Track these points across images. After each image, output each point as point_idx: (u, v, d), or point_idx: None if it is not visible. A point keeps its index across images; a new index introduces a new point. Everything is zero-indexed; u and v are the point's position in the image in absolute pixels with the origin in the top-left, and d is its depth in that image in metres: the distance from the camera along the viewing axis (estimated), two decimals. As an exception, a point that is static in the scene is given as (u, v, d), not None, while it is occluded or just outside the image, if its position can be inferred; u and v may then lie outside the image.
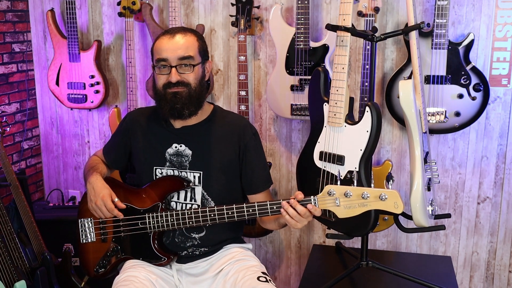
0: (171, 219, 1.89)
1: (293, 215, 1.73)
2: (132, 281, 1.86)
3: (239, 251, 2.02)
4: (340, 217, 1.71)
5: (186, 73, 1.88)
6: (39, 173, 3.37)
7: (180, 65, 1.87)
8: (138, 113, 2.10)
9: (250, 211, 1.79)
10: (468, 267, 2.85)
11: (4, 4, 3.02)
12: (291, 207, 1.72)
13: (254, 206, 1.78)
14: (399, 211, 1.63)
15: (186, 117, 1.92)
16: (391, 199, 1.63)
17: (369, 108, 2.04)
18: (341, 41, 2.13)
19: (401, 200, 1.63)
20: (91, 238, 2.02)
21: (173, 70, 1.87)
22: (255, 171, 2.00)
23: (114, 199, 1.90)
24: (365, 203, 1.65)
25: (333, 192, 1.69)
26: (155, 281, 1.91)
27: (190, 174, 1.96)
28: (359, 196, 1.66)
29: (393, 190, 1.64)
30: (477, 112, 2.54)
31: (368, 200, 1.65)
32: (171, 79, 1.86)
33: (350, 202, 1.67)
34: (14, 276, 2.26)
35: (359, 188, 1.67)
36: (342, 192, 1.67)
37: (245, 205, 1.79)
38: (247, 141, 1.98)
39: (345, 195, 1.67)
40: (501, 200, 2.75)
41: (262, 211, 1.78)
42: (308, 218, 1.74)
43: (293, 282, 3.09)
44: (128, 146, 2.08)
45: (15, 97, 3.14)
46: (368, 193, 1.65)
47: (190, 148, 1.96)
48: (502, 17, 2.57)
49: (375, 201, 1.64)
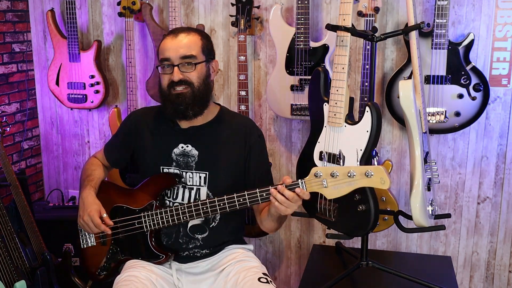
0: (166, 216, 1.90)
1: (281, 200, 1.72)
2: (132, 281, 1.86)
3: (240, 252, 2.02)
4: (329, 198, 1.71)
5: (189, 71, 1.88)
6: (39, 173, 3.37)
7: (182, 64, 1.87)
8: (143, 112, 2.10)
9: (241, 201, 1.79)
10: (468, 267, 2.85)
11: (4, 4, 3.02)
12: (279, 193, 1.72)
13: (245, 194, 1.78)
14: (386, 186, 1.62)
15: (191, 118, 1.92)
16: (377, 175, 1.62)
17: (369, 108, 2.04)
18: (341, 41, 2.13)
19: (387, 175, 1.62)
20: (91, 242, 2.03)
21: (175, 69, 1.86)
22: (258, 173, 2.00)
23: (103, 215, 1.90)
24: (351, 181, 1.65)
25: (320, 173, 1.68)
26: (155, 280, 1.91)
27: (196, 175, 1.96)
28: (345, 175, 1.65)
29: (379, 166, 1.63)
30: (477, 112, 2.54)
31: (355, 178, 1.64)
32: (173, 77, 1.86)
33: (337, 182, 1.66)
34: (14, 276, 2.26)
35: (345, 167, 1.67)
36: (328, 172, 1.67)
37: (236, 195, 1.79)
38: (253, 143, 1.98)
39: (332, 175, 1.66)
40: (501, 200, 2.75)
41: (252, 199, 1.78)
42: (297, 203, 1.74)
43: (293, 282, 3.09)
44: (132, 146, 2.07)
45: (15, 97, 3.14)
46: (354, 171, 1.64)
47: (197, 148, 1.96)
48: (502, 17, 2.57)
49: (361, 178, 1.64)
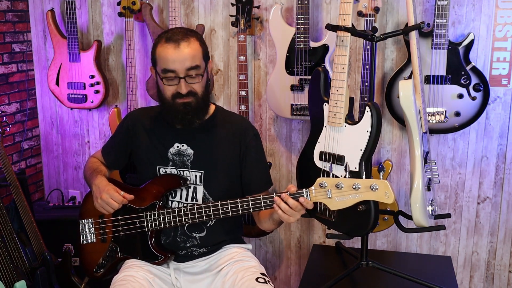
0: (168, 217, 1.90)
1: (285, 209, 1.72)
2: (129, 280, 1.87)
3: (238, 251, 2.02)
4: (332, 209, 1.71)
5: (195, 82, 1.87)
6: (39, 173, 3.37)
7: (188, 76, 1.85)
8: (139, 113, 2.10)
9: (245, 206, 1.79)
10: (468, 267, 2.85)
11: (4, 4, 3.02)
12: (283, 202, 1.72)
13: (248, 200, 1.78)
14: (390, 201, 1.63)
15: (196, 125, 1.93)
16: (382, 189, 1.63)
17: (369, 108, 2.04)
18: (341, 41, 2.13)
19: (392, 189, 1.63)
20: (91, 239, 2.03)
21: (182, 82, 1.84)
22: (255, 171, 2.00)
23: (121, 193, 1.88)
24: (356, 194, 1.66)
25: (325, 184, 1.69)
26: (152, 280, 1.92)
27: (191, 173, 1.96)
28: (350, 187, 1.66)
29: (384, 180, 1.64)
30: (477, 112, 2.54)
31: (360, 191, 1.65)
32: (181, 90, 1.84)
33: (341, 193, 1.67)
34: (14, 276, 2.26)
35: (350, 180, 1.67)
36: (333, 183, 1.68)
37: (239, 200, 1.80)
38: (248, 142, 1.99)
39: (337, 186, 1.67)
40: (501, 200, 2.75)
41: (256, 206, 1.78)
42: (300, 212, 1.74)
43: (293, 282, 3.09)
44: (129, 146, 2.07)
45: (15, 97, 3.14)
46: (359, 184, 1.65)
47: (192, 147, 1.96)
48: (502, 17, 2.57)
49: (366, 192, 1.64)
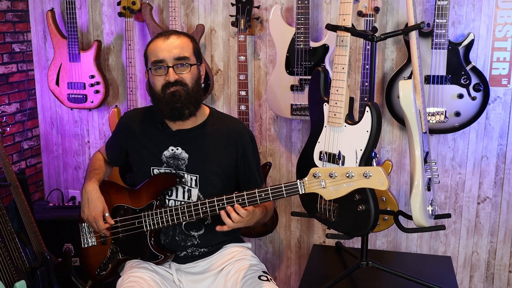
0: (165, 215, 1.90)
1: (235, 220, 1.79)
2: (138, 282, 1.87)
3: (238, 250, 2.03)
4: (327, 199, 1.70)
5: (183, 73, 1.88)
6: (39, 173, 3.37)
7: (176, 65, 1.88)
8: (134, 114, 2.10)
9: (240, 201, 1.79)
10: (468, 267, 2.85)
11: (4, 4, 3.02)
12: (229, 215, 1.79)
13: (243, 195, 1.78)
14: (384, 187, 1.61)
15: (187, 117, 1.92)
16: (375, 176, 1.61)
17: (369, 108, 2.04)
18: (341, 41, 2.13)
19: (386, 176, 1.61)
20: (92, 242, 2.03)
21: (171, 70, 1.87)
22: (252, 175, 2.02)
23: (105, 214, 1.94)
24: (350, 182, 1.64)
25: (319, 174, 1.68)
26: (159, 281, 1.92)
27: (187, 176, 1.96)
28: (343, 175, 1.64)
29: (377, 167, 1.62)
30: (477, 112, 2.54)
31: (353, 179, 1.63)
32: (169, 78, 1.87)
33: (335, 182, 1.66)
34: (14, 276, 2.26)
35: (343, 168, 1.66)
36: (327, 173, 1.66)
37: (235, 195, 1.79)
38: (245, 145, 2.00)
39: (330, 176, 1.66)
40: (501, 200, 2.75)
41: (251, 200, 1.78)
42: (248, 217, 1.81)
43: (293, 282, 3.09)
44: (125, 146, 2.08)
45: (15, 97, 3.14)
46: (352, 171, 1.63)
47: (187, 151, 1.96)
48: (502, 17, 2.57)
49: (360, 179, 1.63)
